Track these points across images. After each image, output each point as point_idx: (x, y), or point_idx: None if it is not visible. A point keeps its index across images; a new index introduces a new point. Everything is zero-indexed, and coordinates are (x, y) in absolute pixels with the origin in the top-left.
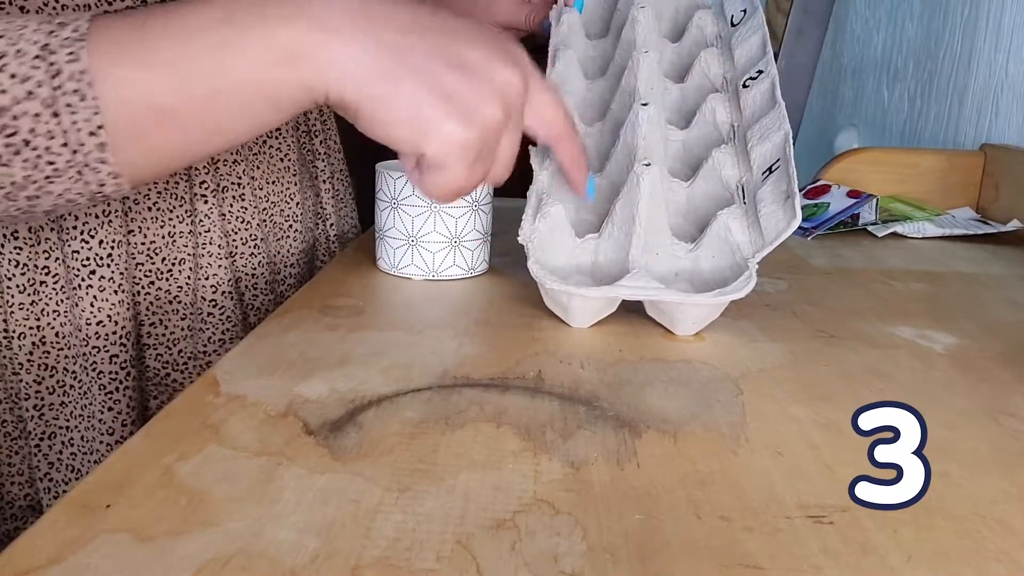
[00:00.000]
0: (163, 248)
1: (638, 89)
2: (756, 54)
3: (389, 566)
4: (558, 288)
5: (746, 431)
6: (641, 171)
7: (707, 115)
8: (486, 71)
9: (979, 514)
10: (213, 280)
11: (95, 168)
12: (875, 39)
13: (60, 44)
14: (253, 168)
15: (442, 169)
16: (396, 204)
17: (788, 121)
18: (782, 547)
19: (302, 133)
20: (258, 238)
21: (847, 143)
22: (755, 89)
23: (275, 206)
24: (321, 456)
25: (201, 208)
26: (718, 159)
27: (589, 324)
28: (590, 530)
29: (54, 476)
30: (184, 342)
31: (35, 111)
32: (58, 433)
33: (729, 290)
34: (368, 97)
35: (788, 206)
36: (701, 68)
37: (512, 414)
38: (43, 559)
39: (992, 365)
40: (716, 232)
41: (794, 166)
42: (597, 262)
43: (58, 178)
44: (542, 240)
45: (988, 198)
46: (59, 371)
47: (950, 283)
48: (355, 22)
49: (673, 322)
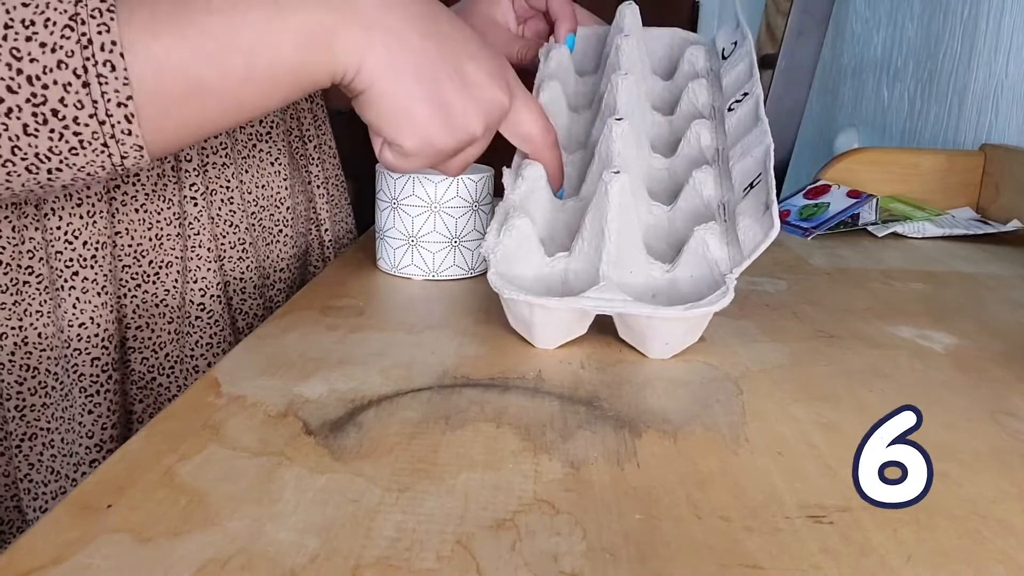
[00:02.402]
0: (150, 251)
1: (618, 108)
2: (743, 79)
3: (389, 566)
4: (517, 298)
5: (746, 431)
6: (609, 178)
7: (692, 141)
8: (480, 88)
9: (979, 514)
10: (201, 284)
11: (120, 140)
12: (875, 39)
13: (89, 14)
14: (242, 172)
15: (407, 157)
16: (396, 204)
17: (770, 136)
18: (782, 547)
19: (294, 138)
20: (247, 242)
21: (847, 143)
22: (739, 111)
23: (264, 210)
24: (321, 456)
25: (190, 211)
26: (699, 179)
27: (556, 344)
28: (590, 530)
29: (34, 477)
30: (170, 346)
31: (66, 80)
32: (39, 435)
33: (702, 303)
34: (376, 88)
35: (766, 217)
36: (689, 98)
37: (512, 414)
38: (44, 559)
39: (992, 365)
40: (694, 249)
41: (773, 177)
42: (567, 280)
43: (83, 150)
44: (507, 254)
45: (988, 198)
46: (41, 372)
47: (950, 283)
48: (388, 19)
49: (644, 342)
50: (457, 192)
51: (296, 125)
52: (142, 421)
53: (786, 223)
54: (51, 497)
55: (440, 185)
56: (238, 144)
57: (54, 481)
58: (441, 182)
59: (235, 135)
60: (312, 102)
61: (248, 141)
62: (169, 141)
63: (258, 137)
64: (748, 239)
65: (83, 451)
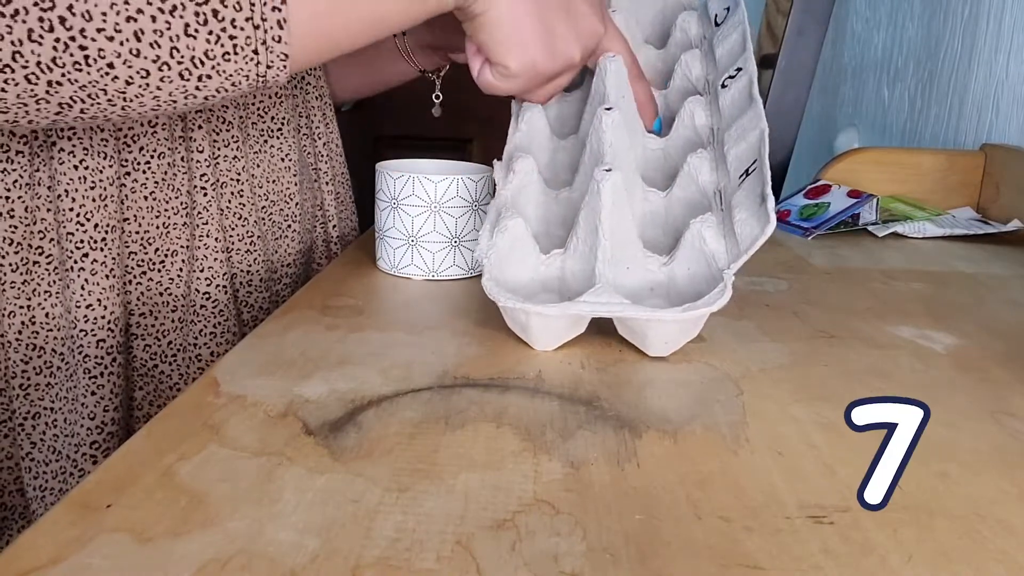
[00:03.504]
0: (156, 239)
1: (607, 95)
2: (736, 51)
3: (389, 566)
4: (513, 306)
5: (746, 431)
6: (601, 177)
7: (686, 119)
8: (581, 18)
9: (979, 514)
10: (208, 273)
11: (270, 47)
12: (875, 39)
13: None
14: (253, 166)
15: (509, 79)
16: (396, 204)
17: (765, 119)
18: (782, 547)
19: (303, 135)
20: (255, 235)
21: (847, 143)
22: (733, 88)
23: (274, 204)
24: (321, 456)
25: (200, 200)
26: (694, 164)
27: (554, 347)
28: (590, 530)
29: (36, 457)
30: (174, 334)
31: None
32: (42, 414)
33: (699, 304)
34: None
35: (762, 211)
36: (683, 71)
37: (512, 414)
38: (43, 559)
39: (992, 365)
40: (690, 242)
41: (768, 165)
42: (564, 279)
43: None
44: (501, 256)
45: (988, 198)
46: (47, 352)
47: (950, 283)
48: None
49: (644, 341)
50: (457, 192)
51: (306, 122)
52: (142, 408)
53: (786, 223)
54: (52, 476)
55: (440, 185)
56: (250, 139)
57: (55, 461)
58: (441, 182)
59: (247, 129)
60: (321, 100)
61: (260, 137)
62: (310, 55)
63: (269, 133)
64: (745, 233)
65: (84, 432)
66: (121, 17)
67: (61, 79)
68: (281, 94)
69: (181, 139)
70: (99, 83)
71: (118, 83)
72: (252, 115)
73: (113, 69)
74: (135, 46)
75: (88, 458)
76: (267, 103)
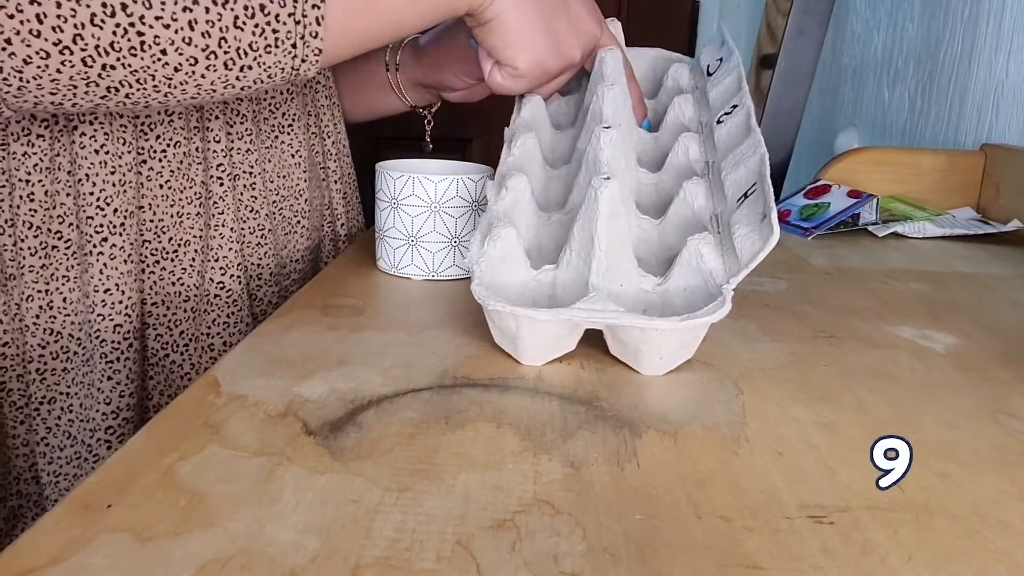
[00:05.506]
0: (171, 227)
1: (604, 117)
2: (731, 91)
3: (389, 566)
4: (502, 310)
5: (746, 431)
6: (600, 184)
7: (680, 154)
8: (582, 22)
9: (979, 514)
10: (223, 263)
11: (307, 42)
12: (875, 39)
13: None
14: (265, 160)
15: (516, 78)
16: (396, 204)
17: (764, 146)
18: (782, 547)
19: (312, 134)
20: (266, 228)
21: (847, 143)
22: (729, 123)
23: (284, 200)
24: (321, 456)
25: (216, 191)
26: (690, 191)
27: (543, 361)
28: (590, 530)
29: (51, 441)
30: (186, 324)
31: None
32: (58, 399)
33: (699, 314)
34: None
35: (765, 225)
36: (675, 113)
37: (512, 414)
38: (44, 559)
39: (992, 365)
40: (687, 260)
41: (771, 186)
42: (554, 294)
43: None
44: (491, 266)
45: (988, 198)
46: (64, 336)
47: (950, 283)
48: None
49: (637, 357)
50: (457, 192)
51: (315, 121)
52: (152, 398)
53: (786, 223)
54: (66, 462)
55: (440, 185)
56: (262, 133)
57: (70, 446)
58: (441, 182)
59: (259, 124)
60: (330, 100)
61: (271, 132)
62: (339, 51)
63: (280, 128)
64: (746, 247)
65: (99, 417)
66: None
67: (116, 63)
68: (292, 91)
69: (196, 129)
70: (150, 68)
71: (167, 69)
72: (264, 110)
73: (165, 55)
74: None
75: (103, 443)
76: (279, 99)
